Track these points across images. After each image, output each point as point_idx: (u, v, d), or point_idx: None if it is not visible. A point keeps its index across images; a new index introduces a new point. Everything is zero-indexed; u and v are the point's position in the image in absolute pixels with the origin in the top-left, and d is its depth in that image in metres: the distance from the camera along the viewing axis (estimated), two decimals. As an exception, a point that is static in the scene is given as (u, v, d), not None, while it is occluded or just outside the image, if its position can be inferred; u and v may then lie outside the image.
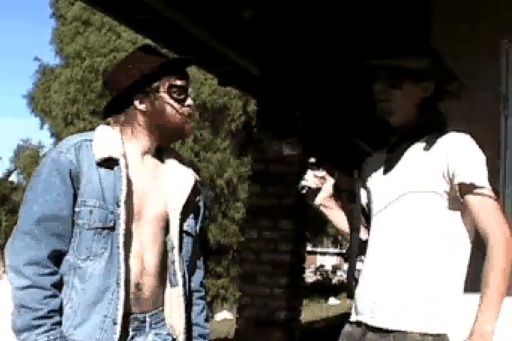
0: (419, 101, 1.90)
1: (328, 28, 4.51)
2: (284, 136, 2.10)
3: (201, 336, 1.88)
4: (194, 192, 1.85)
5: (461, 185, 1.75)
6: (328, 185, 2.04)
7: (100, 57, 17.32)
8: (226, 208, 17.87)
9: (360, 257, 1.95)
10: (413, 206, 1.82)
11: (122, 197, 1.67)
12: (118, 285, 1.64)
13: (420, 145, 1.86)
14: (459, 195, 1.77)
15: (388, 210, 1.87)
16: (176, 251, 1.77)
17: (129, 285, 1.68)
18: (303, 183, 2.03)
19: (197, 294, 1.90)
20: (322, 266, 30.24)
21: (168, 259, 1.77)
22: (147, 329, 1.74)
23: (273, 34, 4.57)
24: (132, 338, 1.71)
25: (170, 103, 1.76)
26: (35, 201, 1.65)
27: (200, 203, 1.92)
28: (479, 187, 1.74)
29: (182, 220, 1.80)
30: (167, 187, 1.80)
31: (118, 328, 1.64)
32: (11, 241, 1.65)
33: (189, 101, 1.80)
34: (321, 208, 2.05)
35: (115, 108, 1.80)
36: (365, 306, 1.85)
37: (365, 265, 1.90)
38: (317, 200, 2.04)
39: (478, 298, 1.68)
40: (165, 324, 1.77)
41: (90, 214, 1.65)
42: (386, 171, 1.92)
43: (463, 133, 1.84)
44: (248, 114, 16.85)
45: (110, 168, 1.69)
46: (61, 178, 1.65)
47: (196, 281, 1.89)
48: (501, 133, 3.28)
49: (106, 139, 1.72)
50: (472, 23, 3.34)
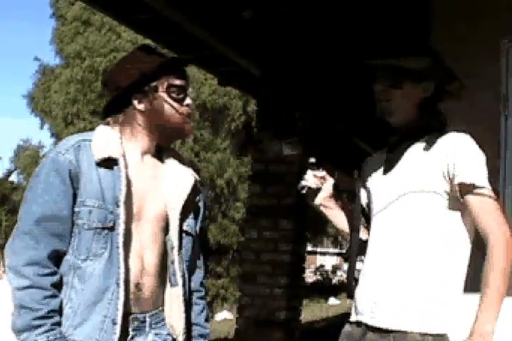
0: (419, 101, 1.90)
1: (328, 28, 4.51)
2: (284, 136, 2.09)
3: (201, 336, 1.88)
4: (194, 191, 1.85)
5: (461, 185, 1.76)
6: (328, 185, 2.04)
7: (100, 57, 17.33)
8: (226, 208, 17.87)
9: (360, 257, 1.95)
10: (413, 206, 1.82)
11: (122, 197, 1.67)
12: (118, 285, 1.64)
13: (420, 145, 1.86)
14: (459, 195, 1.77)
15: (388, 210, 1.87)
16: (176, 251, 1.76)
17: (129, 285, 1.68)
18: (303, 183, 2.03)
19: (197, 294, 1.89)
20: (322, 266, 30.21)
21: (168, 259, 1.77)
22: (147, 329, 1.74)
23: (273, 34, 4.57)
24: (132, 338, 1.71)
25: (169, 102, 1.76)
26: (34, 201, 1.65)
27: (200, 203, 1.91)
28: (479, 187, 1.75)
29: (182, 220, 1.79)
30: (167, 186, 1.80)
31: (118, 328, 1.64)
32: (11, 241, 1.65)
33: (188, 100, 1.80)
34: (321, 208, 2.05)
35: (114, 108, 1.79)
36: (365, 306, 1.85)
37: (365, 265, 1.90)
38: (317, 200, 2.04)
39: (478, 298, 1.68)
40: (165, 324, 1.77)
41: (90, 214, 1.65)
42: (386, 171, 1.92)
43: (463, 133, 1.84)
44: (248, 114, 16.85)
45: (110, 168, 1.69)
46: (60, 178, 1.65)
47: (196, 281, 1.89)
48: (501, 133, 3.28)
49: (105, 139, 1.72)
50: (472, 23, 3.34)
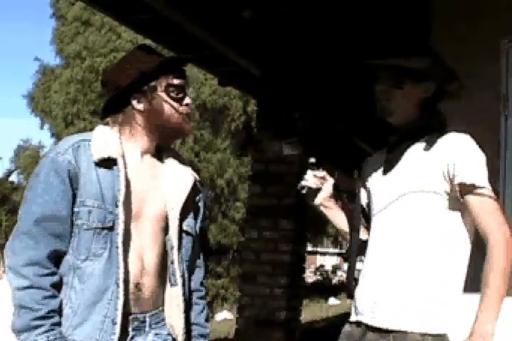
0: (419, 101, 1.90)
1: (328, 28, 4.51)
2: (284, 136, 2.09)
3: (201, 336, 1.87)
4: (194, 191, 1.85)
5: (461, 185, 1.75)
6: (328, 185, 2.03)
7: (100, 57, 17.33)
8: (226, 208, 17.87)
9: (360, 257, 1.95)
10: (413, 206, 1.81)
11: (121, 197, 1.67)
12: (117, 285, 1.64)
13: (420, 145, 1.86)
14: (459, 195, 1.77)
15: (388, 210, 1.87)
16: (176, 251, 1.76)
17: (129, 285, 1.68)
18: (303, 183, 2.03)
19: (197, 294, 1.89)
20: (322, 266, 30.22)
21: (168, 259, 1.77)
22: (147, 329, 1.74)
23: (273, 34, 4.56)
24: (132, 338, 1.71)
25: (168, 102, 1.76)
26: (34, 201, 1.65)
27: (200, 203, 1.91)
28: (479, 187, 1.74)
29: (181, 220, 1.79)
30: (166, 186, 1.80)
31: (117, 328, 1.64)
32: (11, 241, 1.64)
33: (187, 100, 1.80)
34: (321, 208, 2.05)
35: (113, 108, 1.79)
36: (365, 306, 1.85)
37: (365, 265, 1.90)
38: (317, 200, 2.04)
39: (478, 298, 1.68)
40: (165, 324, 1.77)
41: (89, 214, 1.65)
42: (386, 171, 1.92)
43: (463, 133, 1.84)
44: (248, 114, 16.85)
45: (109, 168, 1.69)
46: (60, 179, 1.65)
47: (196, 281, 1.89)
48: (501, 133, 3.28)
49: (104, 139, 1.72)
50: (472, 23, 3.34)
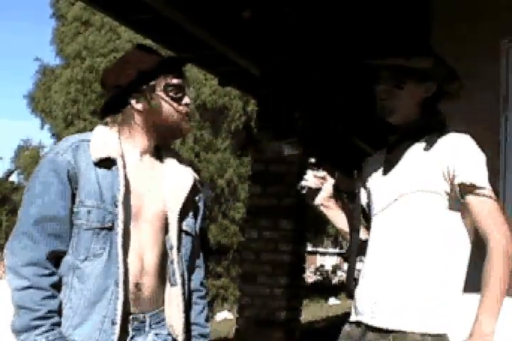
0: (420, 101, 1.90)
1: (328, 28, 4.51)
2: (284, 136, 2.09)
3: (201, 336, 1.87)
4: (193, 191, 1.85)
5: (461, 186, 1.75)
6: (328, 185, 2.03)
7: (100, 57, 17.34)
8: (226, 208, 17.88)
9: (360, 257, 1.95)
10: (413, 206, 1.81)
11: (120, 197, 1.67)
12: (117, 285, 1.64)
13: (420, 145, 1.86)
14: (460, 196, 1.77)
15: (388, 210, 1.87)
16: (175, 251, 1.76)
17: (128, 285, 1.68)
18: (303, 183, 2.03)
19: (197, 293, 1.89)
20: (322, 266, 30.22)
21: (168, 259, 1.77)
22: (147, 329, 1.73)
23: (273, 34, 4.56)
24: (132, 338, 1.71)
25: (167, 101, 1.76)
26: (33, 202, 1.65)
27: (199, 203, 1.91)
28: (480, 187, 1.74)
29: (181, 220, 1.79)
30: (166, 186, 1.80)
31: (117, 328, 1.63)
32: (10, 241, 1.64)
33: (186, 99, 1.80)
34: (321, 208, 2.05)
35: (113, 108, 1.79)
36: (365, 306, 1.84)
37: (365, 265, 1.90)
38: (317, 200, 2.04)
39: (478, 298, 1.68)
40: (165, 324, 1.77)
41: (88, 214, 1.65)
42: (386, 171, 1.92)
43: (463, 133, 1.84)
44: (248, 114, 16.86)
45: (108, 168, 1.68)
46: (59, 179, 1.65)
47: (196, 281, 1.89)
48: (501, 133, 3.27)
49: (103, 139, 1.72)
50: (472, 23, 3.33)
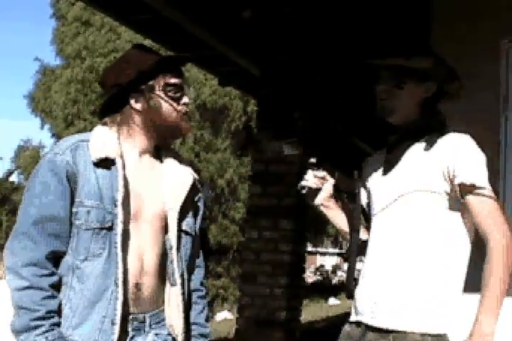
0: (420, 101, 1.90)
1: (328, 28, 4.50)
2: (284, 136, 2.09)
3: (201, 335, 1.87)
4: (193, 191, 1.85)
5: (461, 186, 1.75)
6: (328, 185, 2.03)
7: (101, 57, 17.34)
8: (226, 208, 17.87)
9: (360, 257, 1.94)
10: (413, 206, 1.81)
11: (119, 197, 1.66)
12: (116, 285, 1.64)
13: (420, 145, 1.86)
14: (460, 196, 1.77)
15: (388, 210, 1.87)
16: (175, 251, 1.76)
17: (128, 285, 1.68)
18: (303, 183, 2.03)
19: (197, 293, 1.89)
20: (322, 266, 30.20)
21: (167, 259, 1.77)
22: (147, 329, 1.73)
23: (273, 34, 4.56)
24: (132, 338, 1.71)
25: (166, 101, 1.76)
26: (32, 202, 1.65)
27: (199, 202, 1.91)
28: (480, 187, 1.74)
29: (180, 220, 1.79)
30: (165, 186, 1.79)
31: (117, 328, 1.63)
32: (10, 242, 1.64)
33: (185, 99, 1.80)
34: (321, 208, 2.05)
35: (112, 108, 1.79)
36: (365, 306, 1.84)
37: (365, 265, 1.90)
38: (317, 200, 2.04)
39: (478, 298, 1.68)
40: (165, 324, 1.77)
41: (88, 214, 1.65)
42: (386, 171, 1.92)
43: (463, 133, 1.83)
44: (248, 114, 16.86)
45: (107, 169, 1.68)
46: (58, 179, 1.65)
47: (196, 281, 1.89)
48: (501, 133, 3.27)
49: (102, 139, 1.72)
50: (472, 23, 3.33)
